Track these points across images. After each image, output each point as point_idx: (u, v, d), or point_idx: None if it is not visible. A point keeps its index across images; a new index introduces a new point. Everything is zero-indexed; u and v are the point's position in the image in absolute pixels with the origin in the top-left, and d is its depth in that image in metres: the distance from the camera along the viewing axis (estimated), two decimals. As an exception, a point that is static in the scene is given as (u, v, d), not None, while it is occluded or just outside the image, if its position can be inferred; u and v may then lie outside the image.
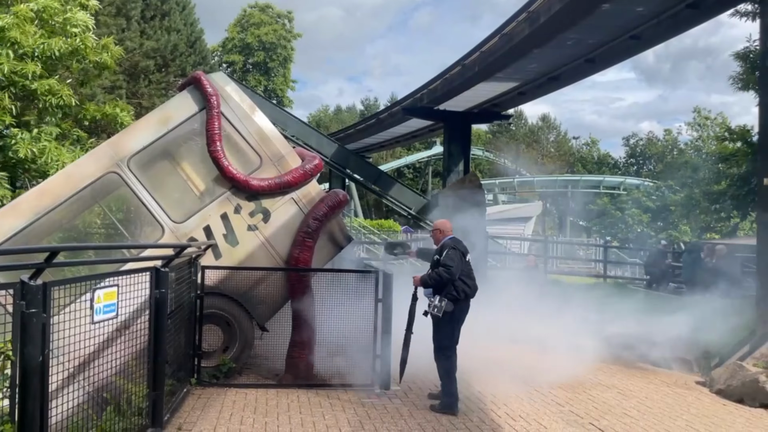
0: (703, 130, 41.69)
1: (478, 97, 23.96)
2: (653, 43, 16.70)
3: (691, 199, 20.91)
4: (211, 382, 6.58)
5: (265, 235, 6.92)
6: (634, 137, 57.38)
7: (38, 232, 6.34)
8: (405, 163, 58.48)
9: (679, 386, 7.41)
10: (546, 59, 18.06)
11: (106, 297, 4.36)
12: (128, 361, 4.96)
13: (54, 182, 6.47)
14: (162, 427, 5.09)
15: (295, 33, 49.79)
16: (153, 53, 19.55)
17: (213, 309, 6.77)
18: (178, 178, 7.51)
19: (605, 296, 13.79)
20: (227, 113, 6.92)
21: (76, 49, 9.34)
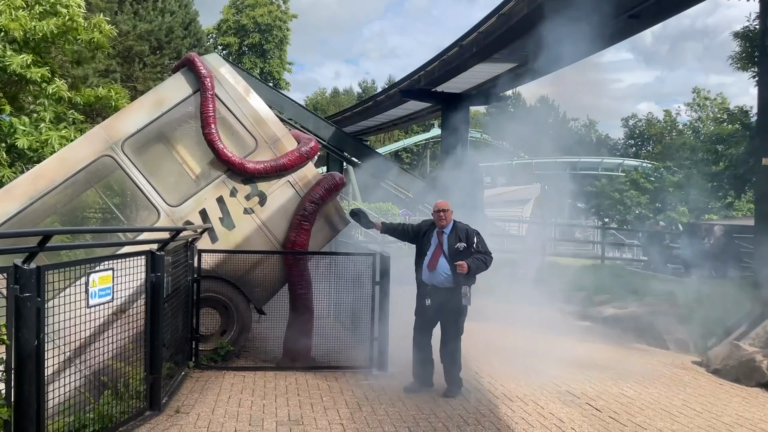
0: (703, 111, 41.54)
1: (476, 78, 23.83)
2: (653, 22, 16.56)
3: (689, 179, 20.91)
4: (209, 366, 6.59)
5: (261, 218, 6.90)
6: (633, 118, 57.17)
7: (33, 216, 6.30)
8: (403, 146, 58.29)
9: (675, 366, 7.44)
10: (545, 39, 17.93)
11: (102, 281, 4.35)
12: (125, 345, 4.97)
13: (48, 166, 6.42)
14: (160, 409, 5.10)
15: (291, 14, 49.26)
16: (147, 36, 19.33)
17: (210, 292, 6.76)
18: (173, 161, 7.46)
19: (603, 278, 13.81)
20: (222, 95, 6.85)
21: (68, 29, 9.22)
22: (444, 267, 5.74)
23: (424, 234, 5.95)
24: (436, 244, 5.83)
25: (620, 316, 9.73)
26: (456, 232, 5.82)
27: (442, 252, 5.77)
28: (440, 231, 5.87)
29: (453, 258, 5.70)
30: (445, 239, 5.81)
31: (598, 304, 10.80)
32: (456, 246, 5.74)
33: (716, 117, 30.24)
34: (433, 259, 5.80)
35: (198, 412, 5.21)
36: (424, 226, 6.04)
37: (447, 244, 5.78)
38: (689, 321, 8.88)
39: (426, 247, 5.86)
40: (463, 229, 5.85)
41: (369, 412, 5.30)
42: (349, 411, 5.34)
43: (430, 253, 5.82)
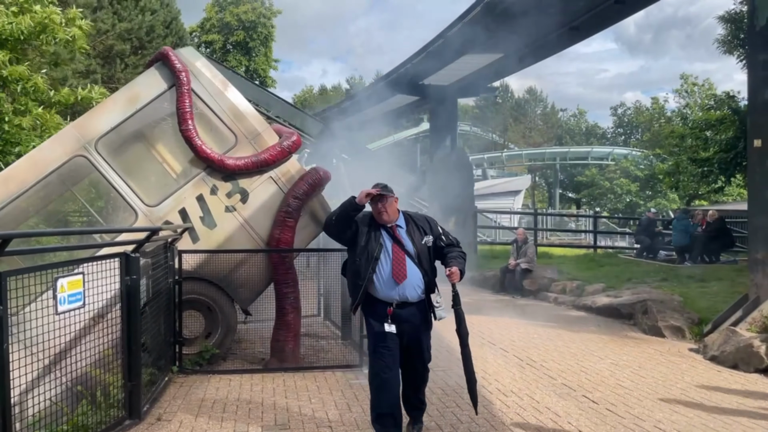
0: (691, 97, 41.51)
1: (463, 70, 23.58)
2: (638, 7, 16.42)
3: (678, 166, 20.86)
4: (193, 370, 6.38)
5: (243, 216, 6.68)
6: (622, 107, 57.24)
7: (6, 220, 6.05)
8: (393, 141, 58.07)
9: (672, 354, 7.30)
10: (530, 29, 17.73)
11: (71, 286, 4.12)
12: (102, 352, 4.75)
13: (19, 168, 6.18)
14: (140, 418, 4.89)
15: (275, 10, 48.82)
16: (127, 35, 18.99)
17: (193, 294, 6.54)
18: (150, 159, 7.22)
19: (595, 267, 13.71)
20: (198, 90, 6.62)
21: (45, 27, 8.95)
22: (416, 275, 4.20)
23: (366, 233, 4.26)
24: (393, 244, 4.23)
25: (614, 304, 9.59)
26: (415, 224, 4.37)
27: (406, 254, 4.21)
28: (394, 227, 4.29)
29: (423, 260, 4.25)
30: (404, 236, 4.27)
31: (591, 294, 10.67)
32: (423, 242, 4.30)
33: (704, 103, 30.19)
34: (398, 266, 4.16)
35: (180, 419, 5.00)
36: (362, 223, 4.30)
37: (410, 241, 4.26)
38: (684, 308, 8.75)
39: (375, 250, 4.19)
40: (422, 219, 4.45)
41: (359, 413, 5.11)
42: (338, 412, 5.15)
43: (388, 258, 4.19)
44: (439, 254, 4.35)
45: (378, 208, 4.24)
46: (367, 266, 4.16)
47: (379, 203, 4.21)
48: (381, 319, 4.20)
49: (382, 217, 4.24)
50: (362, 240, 4.22)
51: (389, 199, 4.25)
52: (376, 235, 4.23)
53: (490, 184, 38.90)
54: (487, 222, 25.61)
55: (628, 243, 23.56)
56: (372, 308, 4.26)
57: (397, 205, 4.33)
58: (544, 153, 50.36)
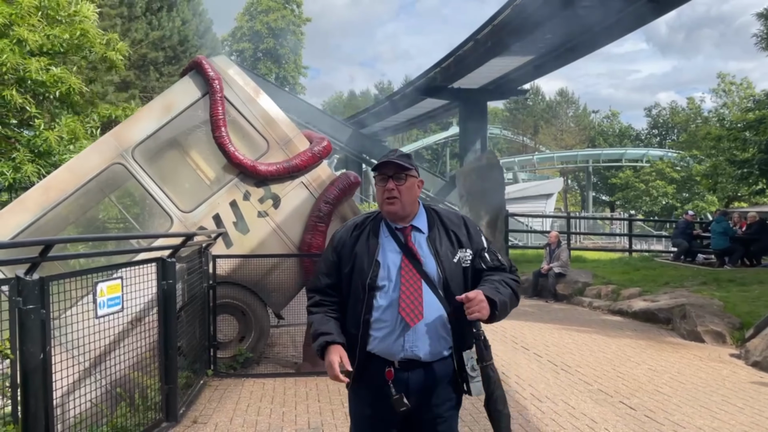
0: (728, 97, 40.50)
1: (493, 72, 23.53)
2: (671, 6, 16.11)
3: (716, 168, 20.35)
4: (228, 373, 6.46)
5: (275, 221, 6.75)
6: (657, 107, 56.11)
7: (46, 227, 6.24)
8: (422, 145, 58.05)
9: (712, 360, 7.11)
10: (561, 29, 17.57)
11: (110, 290, 4.22)
12: (139, 355, 4.85)
13: (59, 176, 6.36)
14: (177, 420, 4.97)
15: (304, 18, 49.35)
16: (160, 43, 19.42)
17: (227, 299, 6.64)
18: (185, 166, 7.37)
19: (631, 271, 13.44)
20: (231, 97, 6.73)
21: (82, 42, 9.20)
22: (438, 315, 2.43)
23: (358, 244, 2.53)
24: (403, 259, 2.45)
25: (651, 309, 9.39)
26: (443, 227, 2.55)
27: (423, 278, 2.43)
28: (408, 229, 2.52)
29: (454, 289, 2.43)
30: (424, 246, 2.49)
31: (627, 298, 10.46)
32: (456, 259, 2.49)
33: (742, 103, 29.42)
34: (410, 297, 2.40)
35: (216, 421, 5.07)
36: (348, 235, 2.57)
37: (432, 256, 2.47)
38: (724, 312, 8.52)
39: (370, 271, 2.44)
40: (456, 219, 2.61)
41: (391, 418, 5.10)
42: (371, 416, 5.15)
43: (392, 282, 2.43)
44: (478, 281, 2.50)
45: (385, 190, 2.44)
46: (358, 303, 2.42)
47: (390, 180, 2.44)
48: (371, 393, 2.44)
49: (391, 207, 2.44)
50: (349, 259, 2.48)
51: (407, 176, 2.47)
52: (375, 243, 2.46)
53: (521, 187, 38.51)
54: (518, 226, 25.35)
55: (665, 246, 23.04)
56: (366, 373, 2.43)
57: (419, 191, 2.55)
58: (577, 155, 49.68)
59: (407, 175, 2.50)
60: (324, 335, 2.44)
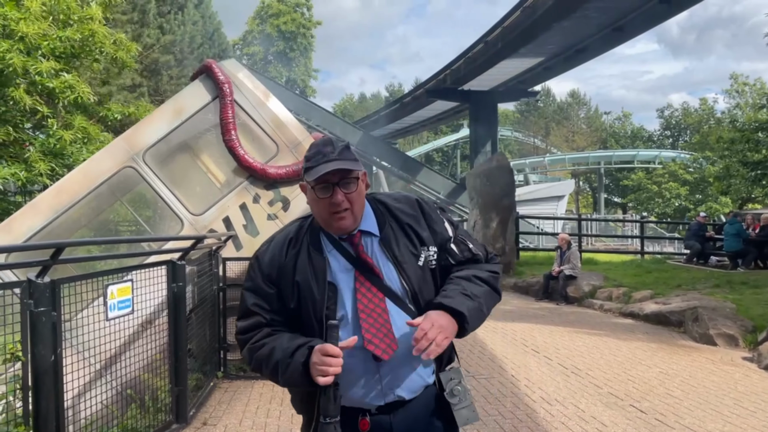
0: (742, 97, 40.13)
1: (503, 74, 23.48)
2: (684, 6, 16.01)
3: (729, 169, 20.16)
4: (237, 375, 6.49)
5: (285, 223, 6.77)
6: (669, 108, 55.72)
7: (59, 230, 6.30)
8: (432, 147, 58.04)
9: (724, 363, 7.04)
10: (572, 31, 17.50)
11: (120, 293, 4.26)
12: (149, 357, 4.88)
13: (71, 180, 6.43)
14: (187, 422, 5.00)
15: (315, 21, 49.55)
16: (171, 47, 19.61)
17: (237, 301, 6.65)
18: (195, 169, 7.42)
19: (642, 273, 13.36)
20: (241, 101, 6.78)
21: (91, 43, 9.30)
22: (412, 331, 1.81)
23: (293, 272, 1.87)
24: (359, 278, 1.87)
25: (663, 311, 9.32)
26: (396, 221, 1.95)
27: (386, 294, 1.87)
28: (351, 237, 1.89)
29: (422, 297, 1.89)
30: (377, 251, 1.90)
31: (638, 300, 10.39)
32: (421, 261, 1.93)
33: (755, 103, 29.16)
34: (374, 324, 1.83)
35: (225, 423, 5.10)
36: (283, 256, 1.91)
37: (391, 264, 1.89)
38: (737, 315, 8.44)
39: (320, 307, 1.84)
40: (407, 208, 1.98)
41: (400, 420, 5.10)
42: (379, 419, 5.15)
43: (348, 315, 1.84)
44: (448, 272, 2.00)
45: (332, 203, 1.81)
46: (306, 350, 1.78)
47: (336, 189, 1.81)
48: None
49: (343, 222, 1.84)
50: (293, 289, 1.87)
51: (353, 180, 1.84)
52: (321, 261, 1.87)
53: (532, 189, 38.37)
54: (529, 228, 25.26)
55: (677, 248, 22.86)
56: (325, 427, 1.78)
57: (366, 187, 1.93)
58: (588, 157, 49.44)
59: (356, 177, 1.83)
60: (301, 346, 1.79)
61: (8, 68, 8.12)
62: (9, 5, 8.51)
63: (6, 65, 8.11)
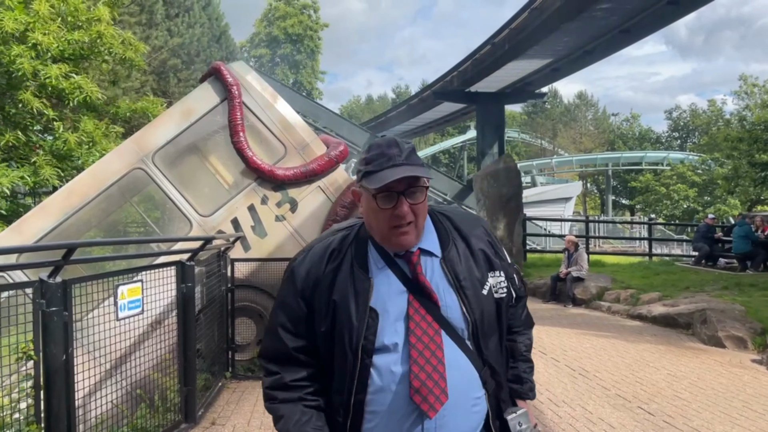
0: (751, 99, 39.88)
1: (510, 76, 23.46)
2: (692, 7, 15.95)
3: (737, 170, 20.04)
4: (246, 376, 6.53)
5: (293, 225, 6.81)
6: (677, 110, 55.46)
7: (69, 232, 6.36)
8: (439, 149, 58.01)
9: (733, 365, 7.01)
10: (579, 32, 17.48)
11: (131, 293, 4.30)
12: (159, 357, 4.92)
13: (81, 181, 6.49)
14: (195, 422, 5.03)
15: (322, 23, 49.67)
16: (179, 49, 19.73)
17: (245, 302, 6.71)
18: (204, 170, 7.47)
19: (651, 275, 13.30)
20: (249, 103, 6.82)
21: (99, 44, 9.36)
22: (466, 376, 1.60)
23: (330, 290, 1.61)
24: (408, 302, 1.57)
25: (671, 313, 9.28)
26: (462, 238, 1.70)
27: (443, 326, 1.58)
28: (409, 255, 1.62)
29: (488, 335, 1.65)
30: (438, 273, 1.62)
31: (646, 302, 10.36)
32: (481, 286, 1.65)
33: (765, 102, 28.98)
34: (425, 366, 1.53)
35: (234, 423, 5.12)
36: (322, 270, 1.63)
37: (450, 286, 1.62)
38: (746, 317, 8.40)
39: (359, 332, 1.56)
40: (473, 223, 1.75)
41: (408, 421, 5.11)
42: (387, 420, 5.16)
43: (400, 345, 1.55)
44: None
45: (394, 215, 1.57)
46: (344, 377, 1.59)
47: (402, 199, 1.57)
48: None
49: (406, 238, 1.60)
50: (327, 310, 1.61)
51: (421, 189, 1.60)
52: (365, 282, 1.61)
53: (539, 191, 38.28)
54: (537, 230, 25.21)
55: (685, 250, 22.75)
56: None
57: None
58: (596, 158, 49.26)
59: (418, 189, 1.57)
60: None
61: (18, 72, 8.21)
62: (18, 9, 8.60)
63: (16, 69, 8.20)
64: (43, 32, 8.48)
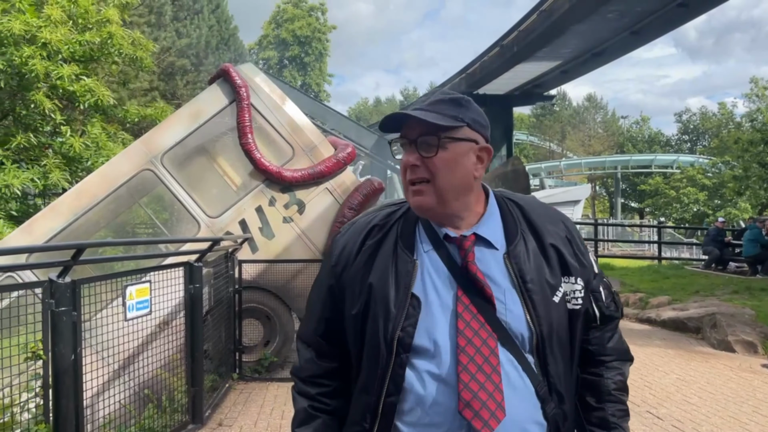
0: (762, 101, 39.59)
1: (519, 78, 23.43)
2: (703, 9, 15.87)
3: (746, 171, 19.86)
4: (252, 377, 6.54)
5: (300, 226, 6.82)
6: (687, 113, 55.14)
7: (78, 232, 6.40)
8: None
9: (743, 370, 6.95)
10: (589, 34, 17.42)
11: (139, 293, 4.31)
12: (166, 358, 4.94)
13: (90, 182, 6.53)
14: (202, 422, 5.04)
15: (330, 25, 49.79)
16: (187, 50, 19.84)
17: (252, 303, 6.72)
18: (212, 172, 7.50)
19: (660, 279, 13.22)
20: (257, 104, 6.84)
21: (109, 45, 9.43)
22: (526, 398, 1.31)
23: (367, 268, 1.37)
24: (456, 297, 1.30)
25: (681, 317, 9.22)
26: (533, 231, 1.39)
27: (499, 333, 1.30)
28: (461, 240, 1.34)
29: (550, 349, 1.33)
30: (497, 269, 1.34)
31: (656, 306, 10.29)
32: (552, 292, 1.35)
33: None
34: (477, 376, 1.26)
35: (241, 424, 5.13)
36: (358, 244, 1.41)
37: (513, 287, 1.33)
38: (756, 321, 8.32)
39: (403, 313, 1.30)
40: (553, 217, 1.45)
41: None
42: (393, 422, 5.15)
43: (445, 347, 1.29)
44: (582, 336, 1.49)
45: (405, 166, 1.35)
46: (373, 374, 1.34)
47: (413, 148, 1.34)
48: None
49: (419, 199, 1.35)
50: (359, 291, 1.38)
51: (447, 139, 1.32)
52: (408, 263, 1.35)
53: (548, 193, 38.12)
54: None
55: (695, 254, 22.59)
56: None
57: (480, 166, 1.37)
58: (605, 161, 49.04)
59: (447, 137, 1.31)
60: None
61: (30, 73, 8.28)
62: (30, 11, 8.67)
63: (29, 70, 8.27)
64: (51, 32, 8.54)
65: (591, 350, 1.49)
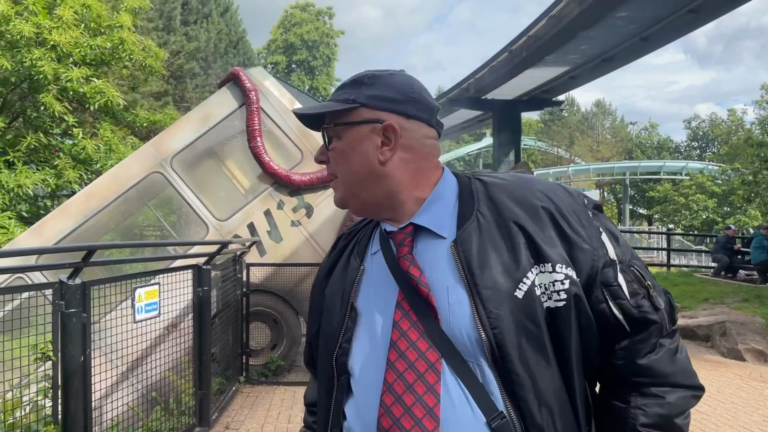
0: (772, 108, 39.36)
1: (527, 83, 23.40)
2: (712, 16, 15.81)
3: (756, 176, 19.72)
4: (259, 380, 6.54)
5: (308, 230, 6.83)
6: (696, 119, 54.91)
7: (88, 234, 6.43)
8: (455, 156, 57.91)
9: (753, 379, 6.88)
10: (598, 40, 17.39)
11: (148, 296, 4.32)
12: (174, 360, 4.94)
13: (100, 184, 6.57)
14: (209, 425, 5.04)
15: (337, 30, 49.96)
16: (196, 53, 19.97)
17: (260, 306, 6.73)
18: (221, 175, 7.52)
19: (669, 286, 13.14)
20: (267, 108, 6.86)
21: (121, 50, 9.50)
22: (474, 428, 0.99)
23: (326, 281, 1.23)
24: (397, 303, 1.07)
25: (690, 326, 9.15)
26: (496, 211, 1.06)
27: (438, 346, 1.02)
28: (396, 234, 1.11)
29: (513, 360, 0.99)
30: (441, 261, 1.06)
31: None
32: (513, 285, 1.01)
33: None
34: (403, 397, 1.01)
35: (247, 428, 5.13)
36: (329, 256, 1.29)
37: (461, 285, 1.02)
38: (766, 330, 8.25)
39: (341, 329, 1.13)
40: (526, 195, 1.08)
41: (421, 429, 5.08)
42: (400, 427, 5.14)
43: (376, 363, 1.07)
44: (607, 347, 1.08)
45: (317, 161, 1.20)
46: (324, 397, 1.16)
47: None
48: None
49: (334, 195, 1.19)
50: (319, 308, 1.24)
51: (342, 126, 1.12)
52: (350, 276, 1.17)
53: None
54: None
55: (704, 261, 22.45)
56: None
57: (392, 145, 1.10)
58: (613, 167, 48.86)
59: (340, 124, 1.11)
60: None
61: (40, 75, 8.34)
62: (42, 14, 8.75)
63: (38, 72, 8.33)
64: (61, 33, 8.61)
65: (618, 366, 1.08)
